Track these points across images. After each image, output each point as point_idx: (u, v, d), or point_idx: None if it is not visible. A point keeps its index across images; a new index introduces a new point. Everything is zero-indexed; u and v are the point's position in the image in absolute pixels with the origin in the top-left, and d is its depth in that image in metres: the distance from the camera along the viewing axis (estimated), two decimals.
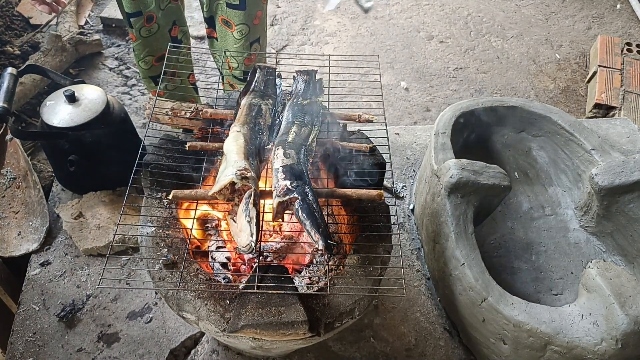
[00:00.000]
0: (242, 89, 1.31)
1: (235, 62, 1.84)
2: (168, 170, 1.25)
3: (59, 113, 1.49)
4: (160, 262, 1.12)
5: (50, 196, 1.72)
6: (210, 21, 1.78)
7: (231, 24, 1.71)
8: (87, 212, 1.63)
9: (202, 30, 2.88)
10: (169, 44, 1.56)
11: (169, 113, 1.30)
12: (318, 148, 1.31)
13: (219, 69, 2.01)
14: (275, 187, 1.06)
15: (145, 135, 1.30)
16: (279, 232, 1.33)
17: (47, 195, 1.71)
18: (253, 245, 0.94)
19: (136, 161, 1.20)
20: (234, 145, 1.12)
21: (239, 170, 1.02)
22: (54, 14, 1.49)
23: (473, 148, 1.74)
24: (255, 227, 0.96)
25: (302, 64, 1.44)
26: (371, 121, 1.30)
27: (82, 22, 3.05)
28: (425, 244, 1.65)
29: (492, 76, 3.02)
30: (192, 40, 2.87)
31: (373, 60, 1.44)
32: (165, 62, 1.40)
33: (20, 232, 1.62)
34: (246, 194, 1.00)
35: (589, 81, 2.96)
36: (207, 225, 1.35)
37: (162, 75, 1.42)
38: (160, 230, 1.18)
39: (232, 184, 1.01)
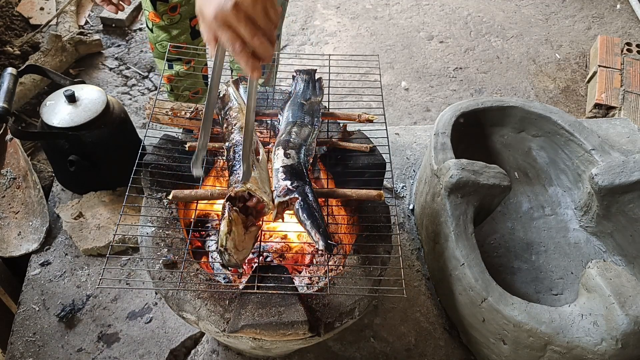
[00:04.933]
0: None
1: None
2: (168, 170, 1.25)
3: (59, 113, 1.49)
4: (160, 262, 1.12)
5: (50, 196, 1.72)
6: None
7: None
8: (87, 212, 1.63)
9: None
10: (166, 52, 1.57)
11: (169, 113, 1.30)
12: (318, 148, 1.31)
13: (229, 66, 2.01)
14: (275, 187, 1.06)
15: (145, 135, 1.30)
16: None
17: (47, 195, 1.71)
18: (236, 264, 0.96)
19: (136, 161, 1.20)
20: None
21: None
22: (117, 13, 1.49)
23: (473, 148, 1.74)
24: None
25: (302, 63, 1.44)
26: (371, 121, 1.30)
27: (82, 22, 3.05)
28: (425, 244, 1.65)
29: (492, 76, 3.02)
30: None
31: (373, 60, 1.44)
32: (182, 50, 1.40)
33: (20, 232, 1.62)
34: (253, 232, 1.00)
35: (589, 81, 2.96)
36: (207, 225, 1.35)
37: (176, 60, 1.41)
38: (160, 230, 1.18)
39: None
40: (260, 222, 1.03)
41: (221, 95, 1.26)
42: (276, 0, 0.77)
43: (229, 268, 0.98)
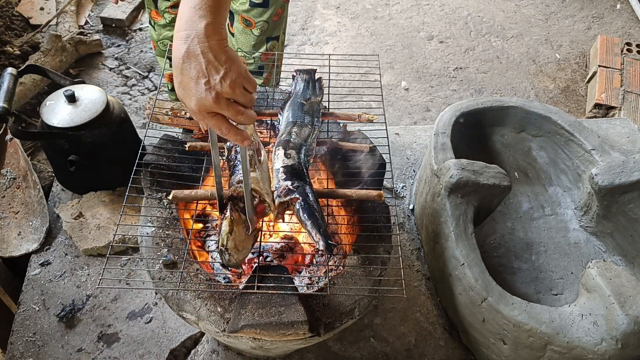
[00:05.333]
0: None
1: (251, 59, 1.85)
2: (168, 170, 1.25)
3: (59, 113, 1.49)
4: (160, 262, 1.12)
5: (50, 196, 1.72)
6: (230, 16, 1.78)
7: (251, 22, 1.72)
8: (87, 212, 1.63)
9: None
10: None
11: (169, 113, 1.30)
12: (318, 148, 1.31)
13: None
14: (276, 187, 1.06)
15: (145, 135, 1.30)
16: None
17: (47, 195, 1.71)
18: (235, 264, 0.96)
19: (136, 161, 1.20)
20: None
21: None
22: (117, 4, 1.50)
23: (473, 148, 1.74)
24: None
25: (302, 63, 1.44)
26: (371, 121, 1.30)
27: (82, 22, 3.05)
28: (425, 244, 1.65)
29: (492, 76, 3.02)
30: None
31: (373, 60, 1.44)
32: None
33: (20, 232, 1.62)
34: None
35: (589, 81, 2.96)
36: (207, 225, 1.35)
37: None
38: (160, 230, 1.18)
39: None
40: (260, 224, 1.03)
41: None
42: (249, 73, 0.79)
43: (229, 268, 0.98)
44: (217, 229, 1.29)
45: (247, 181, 0.93)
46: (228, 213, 0.95)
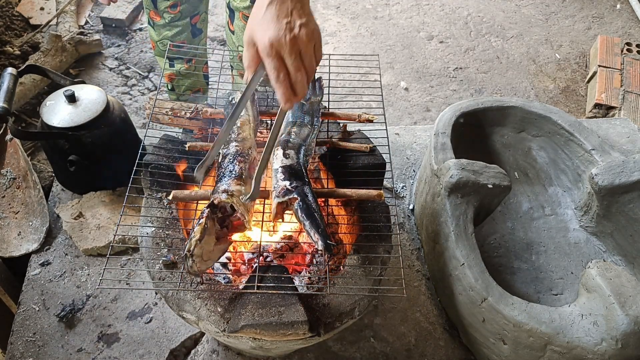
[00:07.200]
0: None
1: None
2: (168, 170, 1.25)
3: (59, 113, 1.49)
4: (160, 262, 1.12)
5: (50, 196, 1.72)
6: (231, 13, 1.78)
7: None
8: (87, 212, 1.63)
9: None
10: (166, 50, 1.57)
11: (169, 113, 1.30)
12: (318, 148, 1.31)
13: (230, 64, 2.01)
14: (274, 187, 1.06)
15: (145, 135, 1.30)
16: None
17: (47, 195, 1.71)
18: (196, 273, 0.94)
19: (136, 161, 1.20)
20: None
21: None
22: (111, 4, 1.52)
23: (473, 148, 1.74)
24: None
25: None
26: (371, 121, 1.30)
27: (82, 22, 3.05)
28: (425, 244, 1.65)
29: (492, 76, 3.02)
30: None
31: (373, 60, 1.44)
32: (183, 49, 1.40)
33: (20, 232, 1.62)
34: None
35: (589, 81, 2.96)
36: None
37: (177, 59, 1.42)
38: (160, 230, 1.18)
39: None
40: (231, 239, 1.01)
41: (235, 100, 1.24)
42: (321, 42, 0.81)
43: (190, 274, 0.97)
44: (190, 228, 1.25)
45: (272, 144, 0.89)
46: (203, 220, 0.92)
